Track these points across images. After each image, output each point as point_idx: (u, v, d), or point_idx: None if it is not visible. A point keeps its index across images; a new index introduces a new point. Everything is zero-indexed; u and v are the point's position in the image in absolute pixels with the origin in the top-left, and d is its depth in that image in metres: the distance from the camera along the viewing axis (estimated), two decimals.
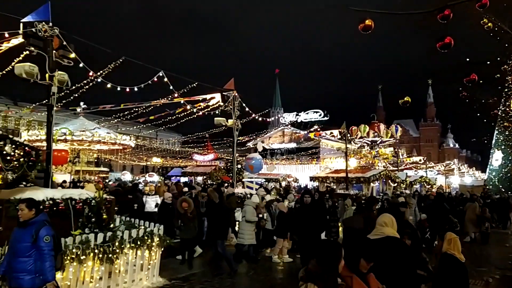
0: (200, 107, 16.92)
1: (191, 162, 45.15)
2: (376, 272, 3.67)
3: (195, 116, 18.15)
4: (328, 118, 48.05)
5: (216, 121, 16.44)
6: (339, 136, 36.89)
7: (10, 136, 6.80)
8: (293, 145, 51.57)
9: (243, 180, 25.35)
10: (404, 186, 27.47)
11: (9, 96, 59.59)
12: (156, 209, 13.14)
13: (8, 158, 6.68)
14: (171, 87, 13.75)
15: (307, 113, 49.24)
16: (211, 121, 16.60)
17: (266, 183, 31.98)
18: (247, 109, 18.08)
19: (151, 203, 13.68)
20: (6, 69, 9.19)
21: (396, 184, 26.84)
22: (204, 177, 35.62)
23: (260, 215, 11.18)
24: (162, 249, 8.37)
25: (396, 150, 47.00)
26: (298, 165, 47.90)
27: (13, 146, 6.73)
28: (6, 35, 7.97)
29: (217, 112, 16.62)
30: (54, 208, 7.35)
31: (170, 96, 15.62)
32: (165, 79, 12.95)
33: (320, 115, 48.30)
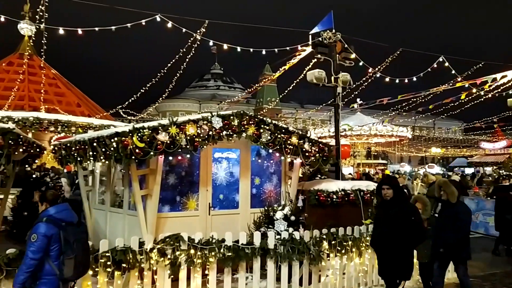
0: (488, 89, 14.92)
1: (477, 151, 40.53)
2: None
3: (482, 99, 16.14)
4: None
5: (509, 103, 14.21)
6: None
7: (308, 135, 7.81)
8: None
9: None
10: None
11: (297, 100, 69.15)
12: None
13: (307, 154, 7.69)
14: (453, 72, 12.74)
15: None
16: (503, 103, 14.48)
17: None
18: None
19: None
20: (299, 78, 10.68)
21: None
22: (495, 167, 31.34)
23: None
24: None
25: None
26: None
27: (310, 143, 7.72)
28: (299, 48, 9.28)
29: (511, 92, 14.29)
30: (346, 198, 8.05)
31: (452, 81, 14.48)
32: (446, 64, 12.11)
33: None
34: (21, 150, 6.12)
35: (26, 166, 8.22)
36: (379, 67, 11.55)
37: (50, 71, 21.72)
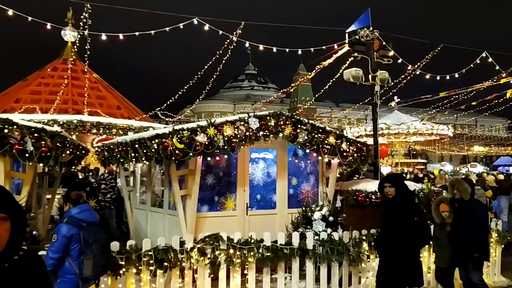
0: None
1: None
2: None
3: None
4: None
5: None
6: None
7: (345, 135, 7.71)
8: None
9: None
10: None
11: (331, 99, 68.40)
12: None
13: (345, 154, 7.60)
14: (497, 67, 12.19)
15: None
16: None
17: None
18: None
19: None
20: (335, 76, 10.56)
21: None
22: None
23: None
24: (503, 246, 7.56)
25: None
26: None
27: (348, 143, 7.62)
28: (335, 47, 9.18)
29: None
30: None
31: (495, 77, 13.86)
32: (489, 59, 11.61)
33: None
34: (68, 152, 6.38)
35: (72, 167, 8.57)
36: (418, 64, 11.23)
37: (92, 75, 22.51)
